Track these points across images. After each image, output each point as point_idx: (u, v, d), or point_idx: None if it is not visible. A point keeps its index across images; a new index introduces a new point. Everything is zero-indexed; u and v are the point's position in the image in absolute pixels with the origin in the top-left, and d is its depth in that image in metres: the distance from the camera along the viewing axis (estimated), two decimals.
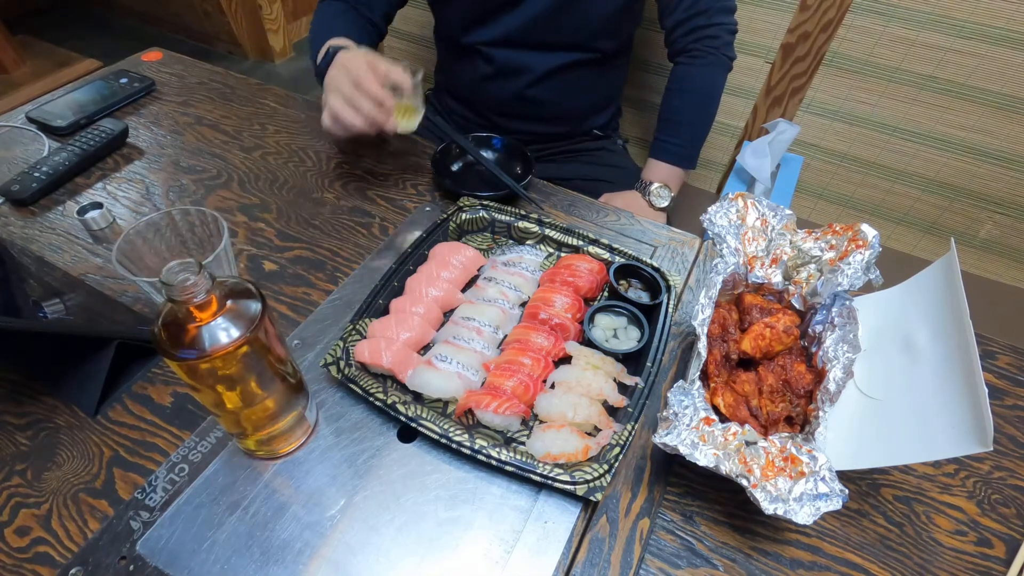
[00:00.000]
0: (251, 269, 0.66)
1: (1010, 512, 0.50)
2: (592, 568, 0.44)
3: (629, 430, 0.48)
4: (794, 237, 0.57)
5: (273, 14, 2.41)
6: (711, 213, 0.56)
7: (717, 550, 0.46)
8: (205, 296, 0.35)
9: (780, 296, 0.57)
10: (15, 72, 2.01)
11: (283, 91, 0.94)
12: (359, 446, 0.50)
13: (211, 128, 0.86)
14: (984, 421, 0.38)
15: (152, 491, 0.46)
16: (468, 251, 0.64)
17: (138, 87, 0.90)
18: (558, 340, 0.56)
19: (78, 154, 0.75)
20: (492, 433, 0.50)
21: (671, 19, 0.93)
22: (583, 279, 0.60)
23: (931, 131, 1.15)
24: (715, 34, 0.92)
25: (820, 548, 0.47)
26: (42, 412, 0.52)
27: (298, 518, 0.45)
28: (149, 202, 0.73)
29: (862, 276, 0.51)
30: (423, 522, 0.46)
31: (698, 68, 0.94)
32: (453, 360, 0.53)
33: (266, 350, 0.40)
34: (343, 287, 0.63)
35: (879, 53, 1.10)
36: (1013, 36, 0.99)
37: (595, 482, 0.45)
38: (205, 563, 0.43)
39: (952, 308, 0.45)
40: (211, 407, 0.42)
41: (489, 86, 0.97)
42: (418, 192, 0.77)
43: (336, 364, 0.52)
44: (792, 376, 0.51)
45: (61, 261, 0.65)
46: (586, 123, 1.07)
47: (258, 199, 0.74)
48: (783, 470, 0.43)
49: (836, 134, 1.23)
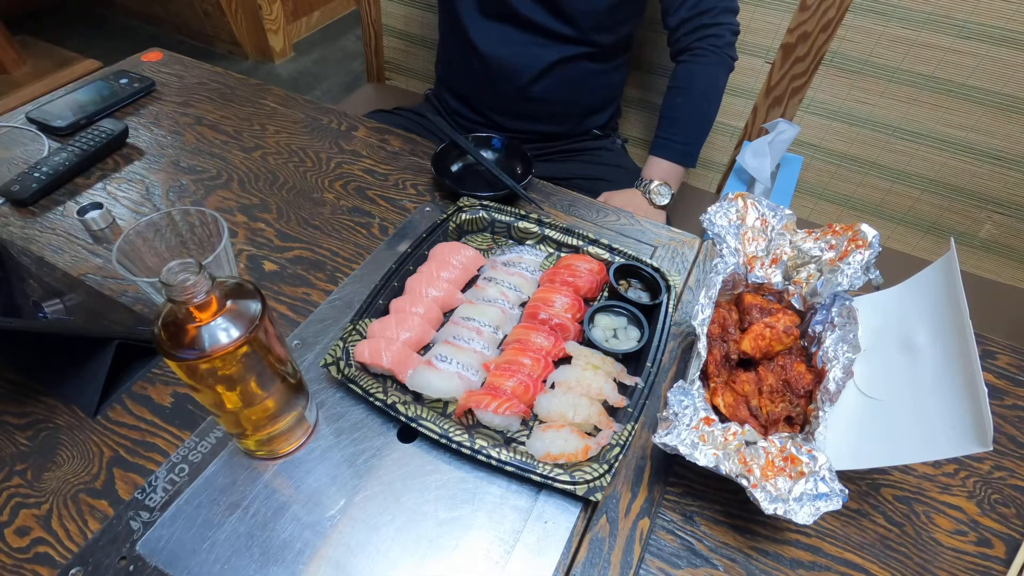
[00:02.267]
0: (251, 269, 0.66)
1: (1010, 512, 0.50)
2: (592, 568, 0.44)
3: (629, 430, 0.48)
4: (794, 237, 0.57)
5: (273, 14, 2.41)
6: (711, 213, 0.56)
7: (717, 550, 0.46)
8: (205, 296, 0.35)
9: (780, 296, 0.57)
10: (15, 72, 2.01)
11: (283, 91, 0.94)
12: (359, 446, 0.50)
13: (211, 128, 0.86)
14: (984, 421, 0.38)
15: (152, 491, 0.46)
16: (468, 251, 0.64)
17: (138, 87, 0.90)
18: (558, 340, 0.56)
19: (78, 154, 0.75)
20: (492, 433, 0.50)
21: (675, 17, 0.93)
22: (583, 279, 0.60)
23: (931, 131, 1.14)
24: (719, 33, 0.92)
25: (820, 548, 0.47)
26: (42, 412, 0.52)
27: (298, 518, 0.45)
28: (149, 202, 0.73)
29: (862, 276, 0.51)
30: (423, 522, 0.46)
31: (701, 67, 0.94)
32: (453, 360, 0.53)
33: (266, 350, 0.40)
34: (343, 287, 0.63)
35: (879, 53, 1.10)
36: (1013, 36, 0.99)
37: (595, 482, 0.45)
38: (205, 563, 0.43)
39: (952, 308, 0.45)
40: (211, 407, 0.42)
41: (489, 83, 0.97)
42: (418, 192, 0.77)
43: (336, 364, 0.52)
44: (792, 376, 0.51)
45: (61, 261, 0.65)
46: (586, 122, 1.07)
47: (258, 199, 0.74)
48: (783, 470, 0.42)
49: (836, 134, 1.23)
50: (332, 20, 2.81)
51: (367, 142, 0.85)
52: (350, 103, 1.43)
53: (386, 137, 0.86)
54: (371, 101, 1.39)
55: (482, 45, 0.93)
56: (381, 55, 1.47)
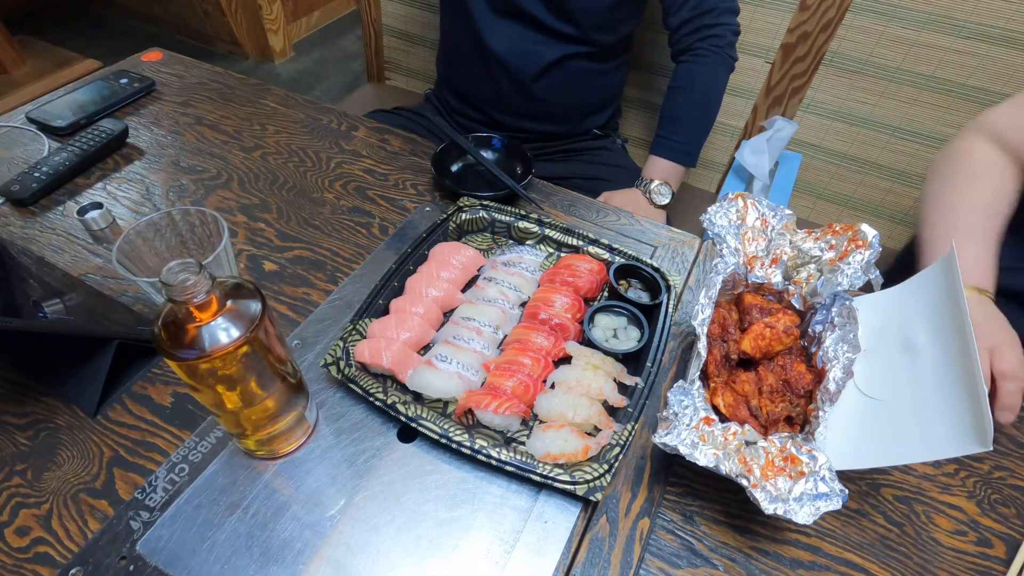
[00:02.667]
0: (251, 269, 0.66)
1: (1010, 512, 0.50)
2: (592, 568, 0.44)
3: (629, 430, 0.48)
4: (794, 237, 0.57)
5: (273, 14, 2.41)
6: (711, 213, 0.56)
7: (717, 550, 0.46)
8: (205, 296, 0.35)
9: (780, 296, 0.57)
10: (15, 72, 2.01)
11: (283, 91, 0.94)
12: (359, 446, 0.50)
13: (211, 128, 0.86)
14: (984, 421, 0.38)
15: (152, 491, 0.46)
16: (468, 251, 0.64)
17: (138, 87, 0.89)
18: (558, 340, 0.56)
19: (78, 154, 0.75)
20: (492, 433, 0.50)
21: (676, 18, 0.93)
22: (583, 279, 0.60)
23: (931, 131, 1.14)
24: (720, 34, 0.92)
25: (820, 548, 0.47)
26: (42, 412, 0.52)
27: (298, 518, 0.45)
28: (149, 202, 0.73)
29: (862, 276, 0.51)
30: (423, 522, 0.46)
31: (702, 66, 0.94)
32: (453, 360, 0.53)
33: (266, 350, 0.40)
34: (343, 287, 0.63)
35: (879, 53, 1.10)
36: (1013, 36, 0.99)
37: (595, 482, 0.45)
38: (205, 563, 0.43)
39: (952, 308, 0.45)
40: (211, 407, 0.42)
41: (492, 81, 0.97)
42: (418, 192, 0.77)
43: (336, 364, 0.52)
44: (792, 376, 0.51)
45: (61, 261, 0.65)
46: (586, 122, 1.07)
47: (258, 199, 0.74)
48: (783, 470, 0.43)
49: (836, 134, 1.23)
50: (332, 20, 2.81)
51: (367, 142, 0.85)
52: (350, 103, 1.43)
53: (386, 137, 0.86)
54: (371, 101, 1.39)
55: (491, 42, 0.93)
56: (381, 55, 1.47)
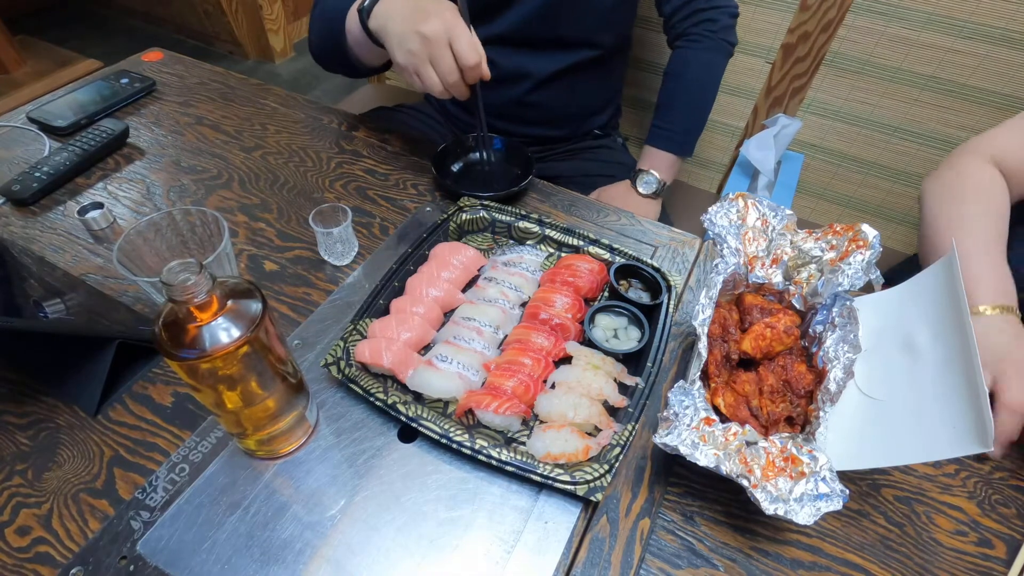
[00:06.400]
0: (251, 269, 0.66)
1: (1010, 512, 0.50)
2: (592, 568, 0.44)
3: (629, 430, 0.48)
4: (794, 237, 0.57)
5: (273, 14, 2.42)
6: (711, 213, 0.56)
7: (717, 550, 0.46)
8: (206, 296, 0.35)
9: (780, 296, 0.57)
10: (16, 72, 2.01)
11: (283, 91, 0.94)
12: (359, 446, 0.50)
13: (211, 128, 0.86)
14: (984, 421, 0.38)
15: (153, 491, 0.46)
16: (468, 251, 0.64)
17: (139, 87, 0.90)
18: (558, 340, 0.56)
19: (79, 154, 0.75)
20: (492, 433, 0.50)
21: (669, 5, 0.91)
22: (583, 279, 0.60)
23: (931, 131, 1.15)
24: (714, 17, 0.90)
25: (821, 548, 0.47)
26: (43, 412, 0.52)
27: (298, 518, 0.45)
28: (150, 202, 0.73)
29: (862, 276, 0.51)
30: (423, 522, 0.46)
31: (696, 52, 0.91)
32: (453, 360, 0.53)
33: (267, 350, 0.40)
34: (343, 287, 0.63)
35: (879, 53, 1.10)
36: (1013, 36, 0.99)
37: (595, 482, 0.45)
38: (206, 563, 0.43)
39: (952, 308, 0.45)
40: (211, 407, 0.42)
41: (490, 92, 0.97)
42: (418, 192, 0.77)
43: (336, 364, 0.52)
44: (792, 376, 0.51)
45: (62, 261, 0.65)
46: (586, 124, 1.06)
47: (258, 199, 0.74)
48: (783, 470, 0.42)
49: (836, 134, 1.23)
50: None
51: (367, 142, 0.85)
52: (350, 103, 1.43)
53: (387, 137, 0.86)
54: (371, 101, 1.39)
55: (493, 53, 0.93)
56: None
